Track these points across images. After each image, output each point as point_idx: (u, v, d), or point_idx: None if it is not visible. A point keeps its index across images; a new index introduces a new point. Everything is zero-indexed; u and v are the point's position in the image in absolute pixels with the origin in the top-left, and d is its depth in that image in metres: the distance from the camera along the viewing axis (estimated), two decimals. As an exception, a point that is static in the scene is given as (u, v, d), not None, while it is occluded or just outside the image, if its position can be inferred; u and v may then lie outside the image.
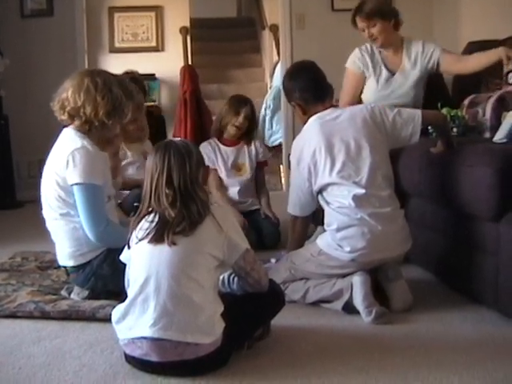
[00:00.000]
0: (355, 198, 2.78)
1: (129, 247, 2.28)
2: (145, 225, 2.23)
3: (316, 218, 3.18)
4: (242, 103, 4.13)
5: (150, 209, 2.23)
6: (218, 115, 4.24)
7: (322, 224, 3.01)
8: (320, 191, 2.91)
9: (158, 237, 2.18)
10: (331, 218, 2.86)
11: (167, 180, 2.18)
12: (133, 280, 2.23)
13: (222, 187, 4.10)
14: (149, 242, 2.19)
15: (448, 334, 2.55)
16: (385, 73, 3.87)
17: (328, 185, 2.86)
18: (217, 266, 2.24)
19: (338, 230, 2.81)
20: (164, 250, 2.17)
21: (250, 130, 4.19)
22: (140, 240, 2.22)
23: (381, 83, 3.88)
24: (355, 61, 3.93)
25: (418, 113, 2.96)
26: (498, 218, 2.61)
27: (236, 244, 2.26)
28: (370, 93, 3.90)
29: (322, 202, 2.94)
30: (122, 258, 2.35)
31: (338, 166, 2.84)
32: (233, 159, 4.16)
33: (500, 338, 2.49)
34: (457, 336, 2.53)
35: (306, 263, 2.90)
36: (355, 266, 2.79)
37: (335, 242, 2.81)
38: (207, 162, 4.04)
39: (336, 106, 3.15)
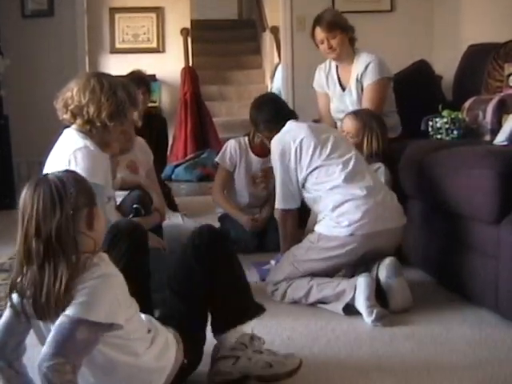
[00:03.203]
0: (347, 174, 2.90)
1: None
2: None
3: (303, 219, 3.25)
4: None
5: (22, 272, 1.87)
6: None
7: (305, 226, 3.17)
8: (305, 181, 3.00)
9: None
10: (324, 202, 2.93)
11: (36, 229, 1.82)
12: None
13: (230, 191, 4.02)
14: None
15: (448, 336, 2.55)
16: (338, 89, 3.93)
17: (316, 168, 2.96)
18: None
19: (334, 208, 2.87)
20: None
21: None
22: None
23: (336, 98, 3.95)
24: (317, 80, 4.08)
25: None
26: (498, 221, 2.61)
27: (77, 303, 1.70)
28: (332, 106, 3.99)
29: (307, 195, 3.02)
30: None
31: (327, 149, 2.98)
32: (254, 170, 3.99)
33: (500, 341, 2.49)
34: (456, 338, 2.53)
35: (307, 252, 2.93)
36: (355, 241, 2.81)
37: (333, 220, 2.86)
38: (226, 162, 3.94)
39: None
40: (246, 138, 4.01)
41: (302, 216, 3.20)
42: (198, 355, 2.14)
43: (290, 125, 3.16)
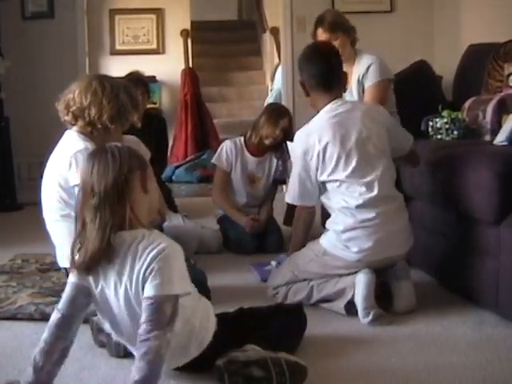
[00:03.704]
0: (365, 200, 2.77)
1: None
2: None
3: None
4: (281, 114, 4.00)
5: (81, 225, 2.03)
6: (256, 123, 3.98)
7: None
8: (324, 183, 2.87)
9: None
10: (336, 218, 2.85)
11: (92, 189, 1.98)
12: None
13: (229, 190, 4.04)
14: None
15: (448, 337, 2.55)
16: None
17: (337, 181, 2.81)
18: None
19: (344, 231, 2.79)
20: None
21: (280, 143, 3.99)
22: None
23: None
24: None
25: (412, 137, 3.04)
26: (499, 221, 2.61)
27: (156, 284, 1.93)
28: None
29: (323, 200, 2.93)
30: None
31: (352, 164, 2.80)
32: (251, 169, 4.02)
33: (500, 341, 2.49)
34: (457, 338, 2.53)
35: (309, 264, 2.89)
36: (361, 265, 2.78)
37: (341, 243, 2.80)
38: (223, 163, 3.98)
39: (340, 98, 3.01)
40: (242, 139, 4.04)
41: None
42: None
43: (319, 120, 2.92)
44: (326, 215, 3.10)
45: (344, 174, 2.80)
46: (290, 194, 2.99)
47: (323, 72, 2.92)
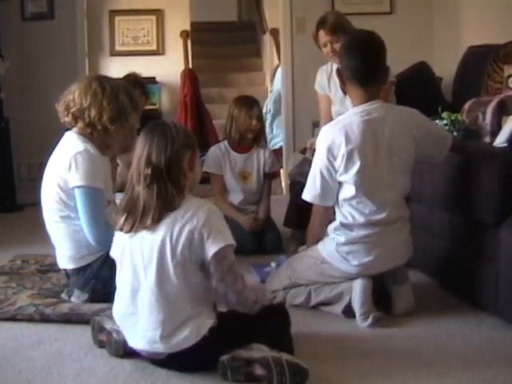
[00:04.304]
0: (372, 220, 2.72)
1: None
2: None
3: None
4: (250, 105, 3.99)
5: (131, 188, 2.24)
6: (230, 120, 4.03)
7: None
8: (340, 185, 2.77)
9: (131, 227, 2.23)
10: (339, 228, 2.79)
11: (147, 159, 2.18)
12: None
13: (226, 191, 4.09)
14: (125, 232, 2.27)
15: (448, 339, 2.55)
16: (340, 93, 3.80)
17: (352, 192, 2.72)
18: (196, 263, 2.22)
19: (345, 244, 2.76)
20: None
21: (259, 132, 4.08)
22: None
23: (337, 103, 3.92)
24: (319, 82, 4.04)
25: (450, 137, 2.92)
26: (499, 224, 2.61)
27: (209, 240, 2.18)
28: (333, 109, 3.95)
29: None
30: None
31: (371, 178, 2.71)
32: (240, 166, 4.08)
33: (500, 343, 2.49)
34: (456, 341, 2.53)
35: (307, 271, 2.88)
36: (359, 275, 2.76)
37: (340, 254, 2.77)
38: (213, 168, 4.07)
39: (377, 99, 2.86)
40: (226, 142, 4.12)
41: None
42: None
43: (349, 119, 2.77)
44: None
45: (360, 189, 2.70)
46: (310, 192, 2.83)
47: (360, 67, 2.76)
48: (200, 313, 2.21)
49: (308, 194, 2.84)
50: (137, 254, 2.24)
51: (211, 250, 2.17)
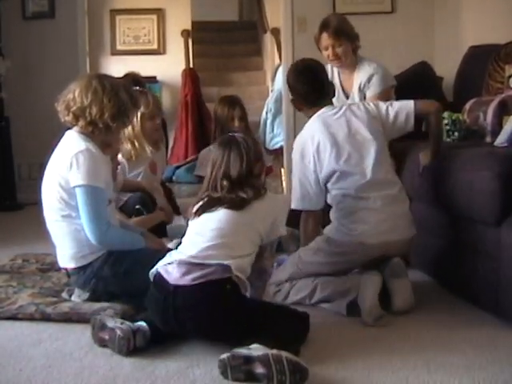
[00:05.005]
0: (361, 185, 2.87)
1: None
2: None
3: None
4: (233, 105, 4.03)
5: (206, 193, 2.56)
6: (214, 121, 4.08)
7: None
8: (326, 182, 2.96)
9: (208, 207, 2.53)
10: (337, 206, 2.94)
11: (225, 172, 2.51)
12: None
13: None
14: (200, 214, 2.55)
15: (448, 337, 2.55)
16: (342, 96, 3.85)
17: (334, 172, 2.92)
18: (258, 241, 2.54)
19: (347, 215, 2.88)
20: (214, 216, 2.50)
21: (246, 131, 4.07)
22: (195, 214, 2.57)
23: (338, 104, 3.89)
24: None
25: (411, 102, 3.09)
26: (499, 223, 2.61)
27: (277, 227, 2.59)
28: None
29: (328, 195, 3.00)
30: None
31: (344, 155, 2.92)
32: None
33: (500, 342, 2.49)
34: (457, 339, 2.53)
35: (314, 255, 2.94)
36: (364, 250, 2.82)
37: (344, 227, 2.88)
38: (204, 171, 4.05)
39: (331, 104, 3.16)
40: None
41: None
42: None
43: (310, 125, 3.07)
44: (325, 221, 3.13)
45: (338, 165, 2.90)
46: (293, 199, 3.08)
47: (310, 91, 3.08)
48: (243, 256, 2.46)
49: (292, 202, 3.09)
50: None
51: (280, 232, 2.63)
